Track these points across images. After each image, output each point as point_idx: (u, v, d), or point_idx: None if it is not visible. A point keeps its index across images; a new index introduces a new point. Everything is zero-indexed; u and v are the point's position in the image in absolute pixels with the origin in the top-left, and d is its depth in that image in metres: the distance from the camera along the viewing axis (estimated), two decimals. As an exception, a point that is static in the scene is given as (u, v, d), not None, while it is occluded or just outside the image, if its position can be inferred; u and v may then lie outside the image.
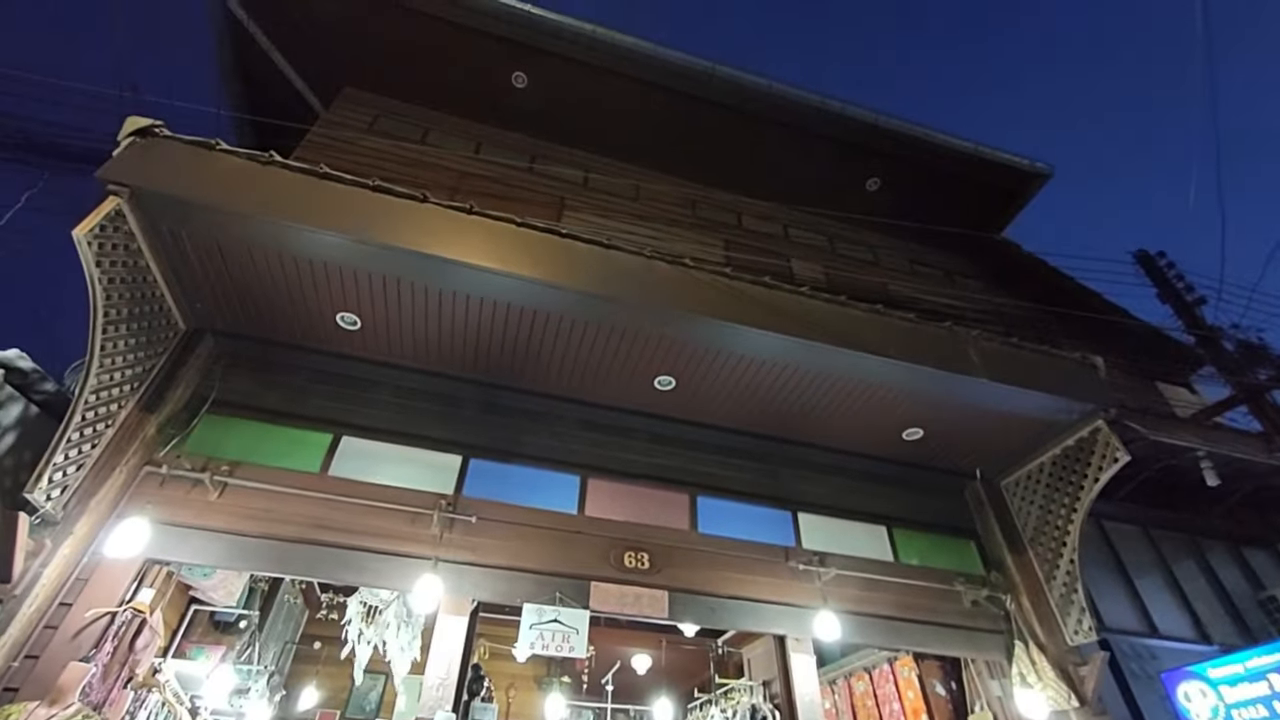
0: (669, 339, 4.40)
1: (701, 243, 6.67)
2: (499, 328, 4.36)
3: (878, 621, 4.63)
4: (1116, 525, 6.09)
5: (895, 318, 4.79)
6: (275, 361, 4.55)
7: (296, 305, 4.25)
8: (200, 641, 4.76)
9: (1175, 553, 6.14)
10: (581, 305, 4.17)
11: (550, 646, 3.83)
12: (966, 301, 6.97)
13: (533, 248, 4.16)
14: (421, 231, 3.94)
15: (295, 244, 3.81)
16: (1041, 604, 4.88)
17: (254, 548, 3.72)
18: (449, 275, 3.96)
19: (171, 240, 3.83)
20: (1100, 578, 5.62)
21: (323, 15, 6.34)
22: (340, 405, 4.51)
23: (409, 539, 4.02)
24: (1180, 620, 5.67)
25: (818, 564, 4.70)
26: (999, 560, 5.23)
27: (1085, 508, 4.80)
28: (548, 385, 4.89)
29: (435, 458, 4.47)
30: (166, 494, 3.76)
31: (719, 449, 5.23)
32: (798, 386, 4.78)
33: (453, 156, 6.57)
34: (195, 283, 4.08)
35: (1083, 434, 4.90)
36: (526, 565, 4.15)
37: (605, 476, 4.79)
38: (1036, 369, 4.88)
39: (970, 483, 5.66)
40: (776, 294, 4.56)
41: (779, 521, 5.00)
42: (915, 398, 4.84)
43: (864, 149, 7.48)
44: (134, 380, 3.83)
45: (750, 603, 4.43)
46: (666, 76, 6.82)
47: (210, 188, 3.66)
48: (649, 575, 4.34)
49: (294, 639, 6.52)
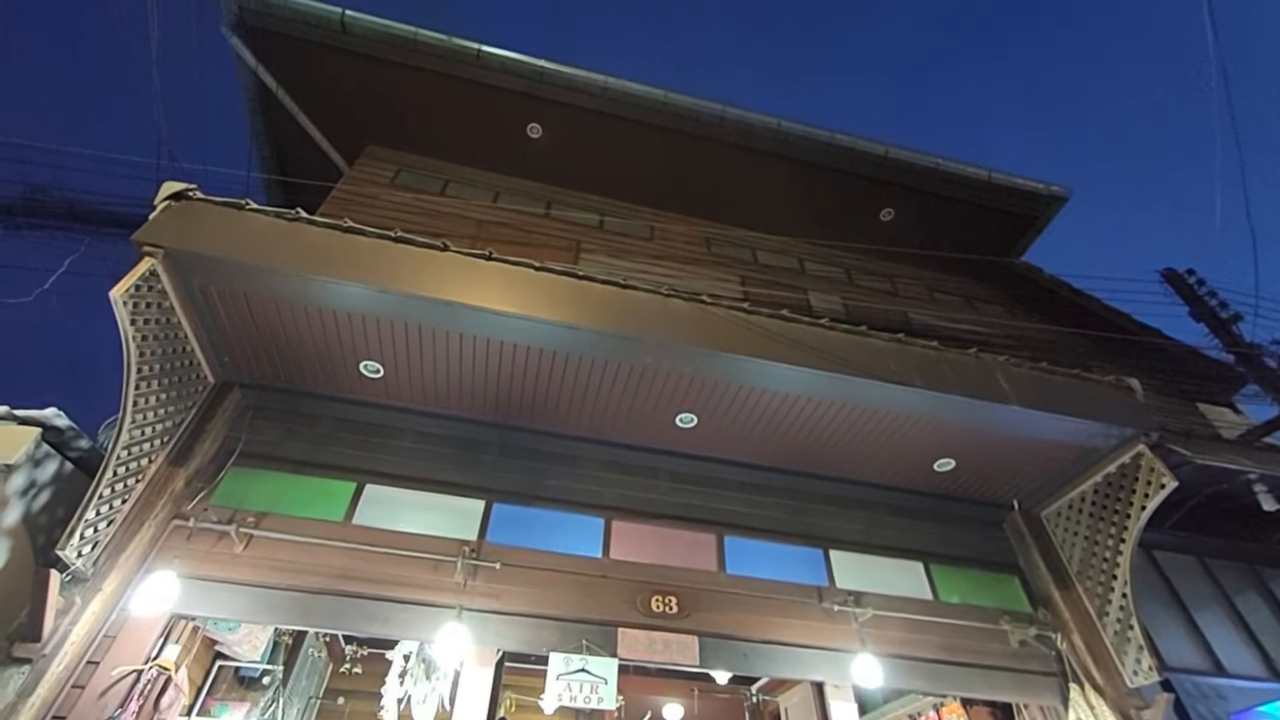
0: (688, 376, 4.37)
1: (718, 279, 6.71)
2: (519, 370, 4.39)
3: (920, 665, 4.40)
4: (1169, 555, 5.76)
5: (918, 346, 4.72)
6: (300, 411, 4.61)
7: (321, 355, 4.33)
8: (225, 698, 4.70)
9: (1235, 583, 5.77)
10: (600, 345, 4.18)
11: (578, 698, 3.70)
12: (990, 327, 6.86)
13: (551, 290, 4.21)
14: (442, 279, 4.02)
15: (320, 296, 3.91)
16: (1096, 642, 4.60)
17: (279, 600, 3.70)
18: (469, 320, 4.02)
19: (202, 297, 3.95)
20: (1157, 612, 5.29)
21: (346, 79, 6.67)
22: (363, 453, 4.54)
23: (432, 587, 3.96)
24: (1247, 656, 5.29)
25: (853, 604, 4.51)
26: (1045, 596, 4.97)
27: (1134, 537, 4.56)
28: (568, 426, 4.87)
29: (458, 503, 4.45)
30: (193, 547, 3.77)
31: (744, 486, 5.12)
32: (822, 420, 4.70)
33: (472, 206, 6.76)
34: (224, 337, 4.19)
35: (1124, 460, 4.71)
36: (552, 612, 4.05)
37: (629, 518, 4.71)
38: (1069, 393, 4.73)
39: (1009, 514, 5.44)
40: (795, 327, 4.53)
41: (810, 560, 4.84)
42: (944, 427, 4.71)
43: (876, 181, 7.53)
44: (164, 435, 3.91)
45: (784, 647, 4.25)
46: (677, 120, 7.00)
47: (239, 245, 3.79)
48: (678, 620, 4.20)
49: (318, 694, 6.41)
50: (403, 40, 6.48)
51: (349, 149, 7.14)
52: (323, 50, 6.45)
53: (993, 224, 7.96)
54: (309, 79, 6.67)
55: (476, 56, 6.58)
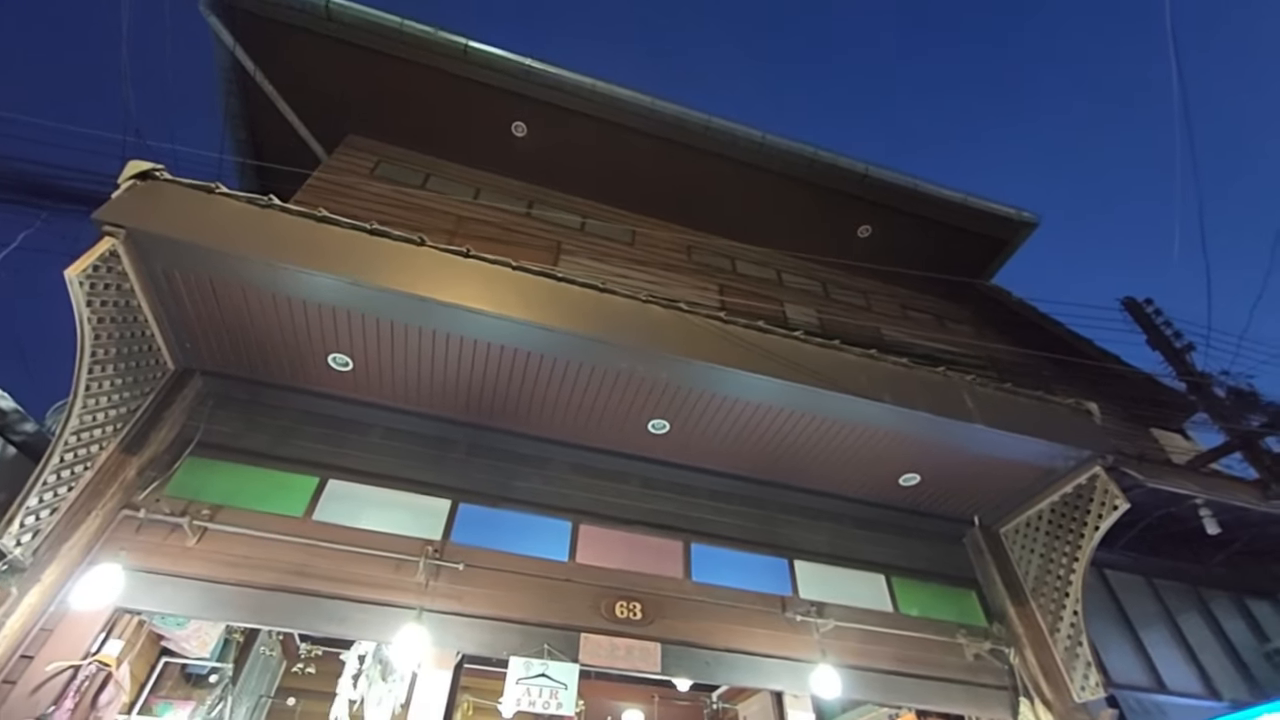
0: (663, 382, 4.37)
1: (697, 287, 6.74)
2: (493, 370, 4.34)
3: (878, 676, 4.46)
4: (1119, 574, 5.96)
5: (889, 362, 4.80)
6: (263, 402, 4.49)
7: (288, 346, 4.22)
8: (169, 696, 4.53)
9: (1179, 604, 6.00)
10: (576, 348, 4.16)
11: (537, 703, 3.66)
12: (959, 347, 7.02)
13: (528, 291, 4.17)
14: (418, 274, 3.95)
15: (290, 286, 3.81)
16: (1046, 658, 4.72)
17: (230, 596, 3.58)
18: (444, 317, 3.96)
19: (165, 281, 3.82)
20: (1105, 630, 5.46)
21: (328, 66, 6.54)
22: (328, 447, 4.43)
23: (393, 587, 3.88)
24: (1188, 675, 5.49)
25: (815, 614, 4.55)
26: (1001, 611, 5.09)
27: (1087, 556, 4.71)
28: (540, 428, 4.83)
29: (424, 502, 4.37)
30: (142, 539, 3.63)
31: (713, 494, 5.14)
32: (792, 431, 4.75)
33: (452, 202, 6.68)
34: (186, 323, 4.06)
35: (1080, 481, 4.86)
36: (514, 615, 4.00)
37: (597, 522, 4.69)
38: (1031, 415, 4.86)
39: (969, 530, 5.57)
40: (771, 338, 4.57)
41: (775, 570, 4.88)
42: (911, 443, 4.80)
43: (855, 198, 7.66)
44: (117, 421, 3.76)
45: (746, 656, 4.27)
46: (663, 127, 7.03)
47: (207, 230, 3.68)
48: (641, 626, 4.19)
49: (269, 693, 6.21)
50: (388, 31, 6.38)
51: (328, 137, 7.00)
52: (305, 35, 6.31)
53: (965, 246, 8.16)
54: (290, 63, 6.52)
55: (463, 51, 6.51)
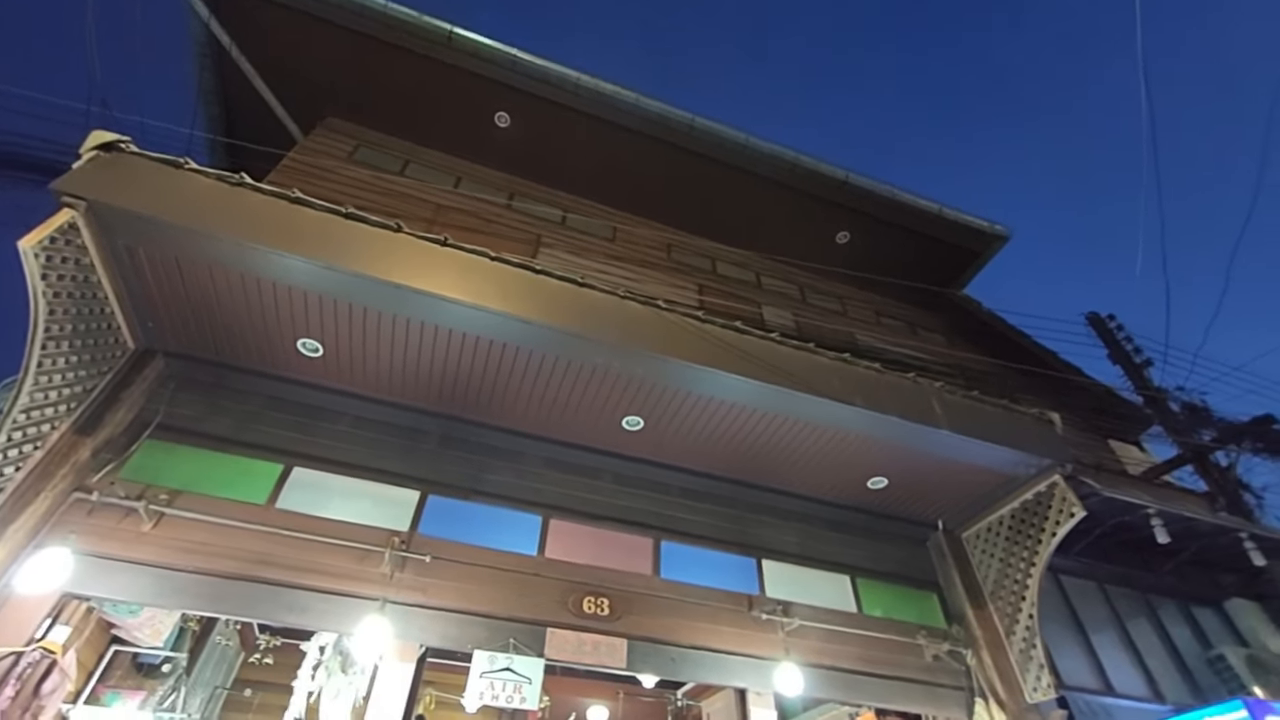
0: (639, 379, 4.38)
1: (676, 286, 6.76)
2: (467, 361, 4.29)
3: (840, 675, 4.54)
4: (1073, 580, 6.15)
5: (862, 367, 4.88)
6: (228, 386, 4.37)
7: (256, 329, 4.11)
8: (118, 686, 4.39)
9: (1129, 610, 6.21)
10: (552, 341, 4.14)
11: (501, 697, 3.64)
12: (929, 354, 7.16)
13: (506, 282, 4.14)
14: (393, 261, 3.89)
15: (260, 267, 3.72)
16: (1002, 659, 4.85)
17: (186, 584, 3.48)
18: (419, 306, 3.90)
19: (127, 257, 3.69)
20: (1058, 633, 5.63)
21: (308, 45, 6.39)
22: (295, 434, 4.34)
23: (357, 578, 3.82)
24: (1135, 679, 5.69)
25: (781, 613, 4.61)
26: (960, 613, 5.22)
27: (1044, 561, 4.85)
28: (513, 421, 4.79)
29: (392, 492, 4.31)
30: (94, 523, 3.51)
31: (685, 492, 5.16)
32: (765, 432, 4.79)
33: (431, 189, 6.58)
34: (149, 301, 3.93)
35: (1040, 488, 5.00)
36: (480, 609, 3.97)
37: (568, 517, 4.67)
38: (996, 423, 4.99)
39: (933, 534, 5.69)
40: (747, 339, 4.61)
41: (743, 568, 4.92)
42: (880, 446, 4.89)
43: (835, 204, 7.76)
44: (71, 400, 3.63)
45: (712, 653, 4.30)
46: (647, 125, 7.02)
47: (174, 206, 3.56)
48: (608, 622, 4.19)
49: (225, 684, 6.06)
50: (372, 12, 6.25)
51: (306, 117, 6.84)
52: (284, 11, 6.15)
53: (939, 256, 8.33)
54: (268, 40, 6.35)
55: (448, 38, 6.42)
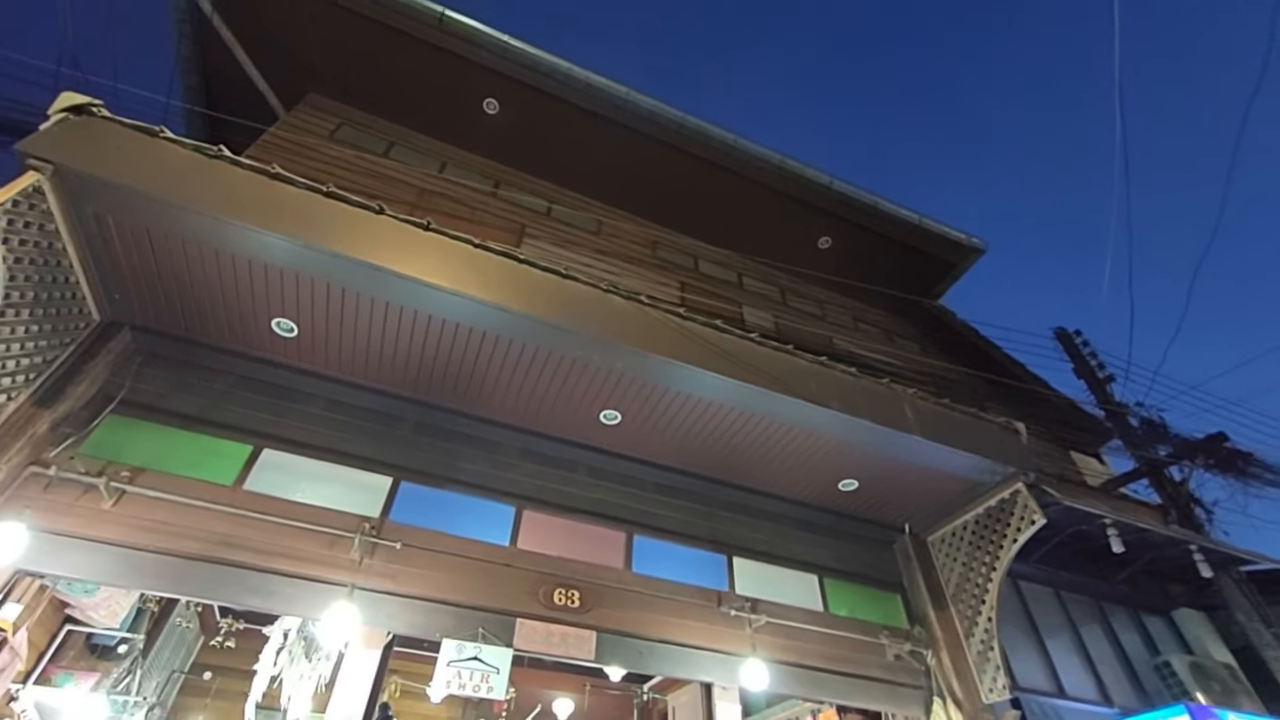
0: (618, 373, 4.38)
1: (658, 282, 6.77)
2: (445, 347, 4.25)
3: (805, 672, 4.62)
4: (1031, 586, 6.34)
5: (839, 370, 4.95)
6: (198, 363, 4.27)
7: (229, 306, 4.02)
8: (70, 667, 4.26)
9: (1082, 616, 6.43)
10: (533, 331, 4.12)
11: (468, 686, 3.62)
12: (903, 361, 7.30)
13: (488, 270, 4.11)
14: (374, 243, 3.83)
15: (235, 243, 3.63)
16: (960, 660, 4.99)
17: (148, 563, 3.40)
18: (399, 290, 3.85)
19: (95, 225, 3.58)
20: (1014, 636, 5.80)
21: (294, 19, 6.24)
22: (265, 415, 4.25)
23: (325, 563, 3.76)
24: (1085, 682, 5.89)
25: (749, 610, 4.67)
26: (922, 615, 5.34)
27: (1004, 567, 4.99)
28: (490, 410, 4.77)
29: (363, 478, 4.25)
30: (51, 499, 3.41)
31: (659, 488, 5.19)
32: (741, 431, 4.84)
33: (415, 173, 6.49)
34: (117, 272, 3.81)
35: (1004, 495, 5.14)
36: (450, 598, 3.94)
37: (541, 509, 4.67)
38: (965, 430, 5.11)
39: (899, 536, 5.81)
40: (728, 338, 4.65)
41: (713, 565, 4.97)
42: (852, 449, 4.97)
43: (818, 209, 7.85)
44: (30, 371, 3.51)
45: (680, 648, 4.34)
46: (637, 120, 7.01)
47: (147, 175, 3.46)
48: (578, 614, 4.20)
49: (183, 668, 5.93)
50: (362, -12, 6.13)
51: (288, 92, 6.68)
52: (270, -18, 6.00)
53: (917, 265, 8.49)
54: (252, 11, 6.19)
55: (439, 20, 6.32)
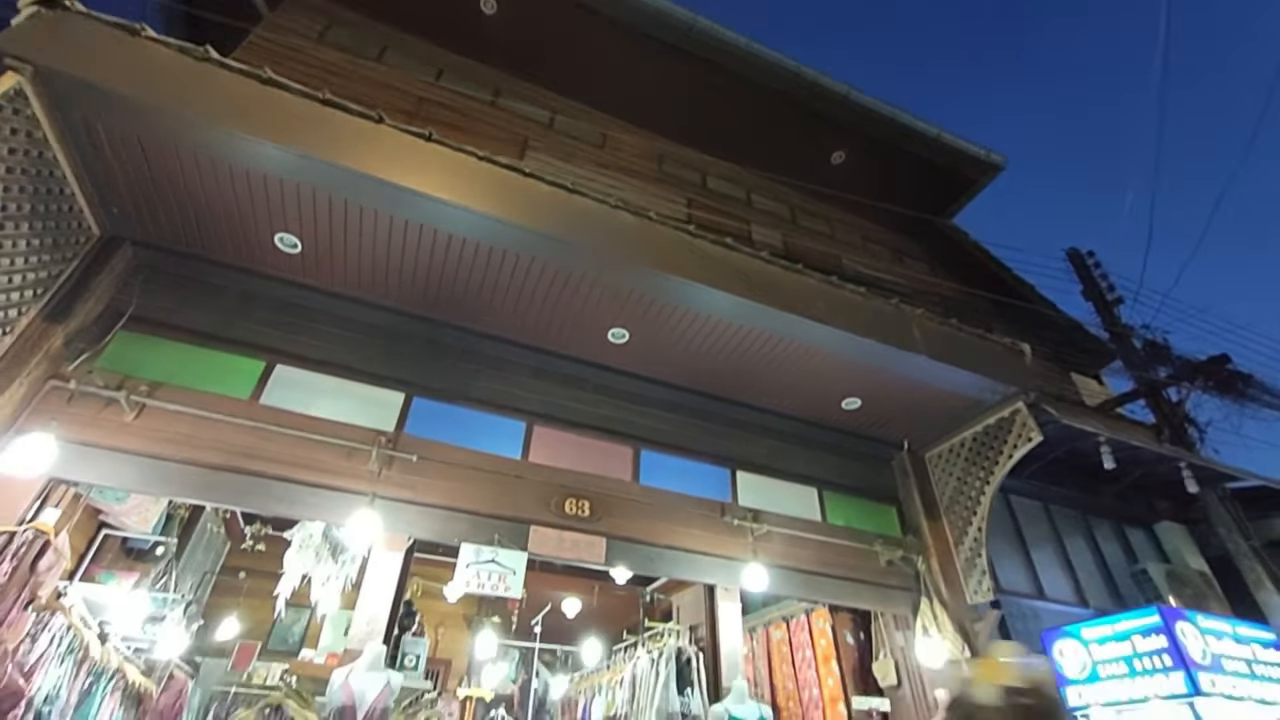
0: (626, 290, 4.35)
1: (665, 198, 6.59)
2: (452, 264, 4.20)
3: (802, 575, 4.90)
4: (1020, 500, 6.61)
5: (847, 290, 4.92)
6: (204, 280, 4.23)
7: (231, 220, 3.94)
8: (111, 567, 4.53)
9: (1067, 527, 6.74)
10: (540, 247, 4.06)
11: (486, 586, 3.86)
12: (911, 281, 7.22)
13: (493, 183, 3.98)
14: (374, 154, 3.69)
15: (231, 152, 3.50)
16: (949, 566, 5.28)
17: (174, 473, 3.53)
18: (402, 202, 3.75)
19: (85, 133, 3.43)
20: (1001, 546, 6.11)
21: (269, -100, 5.70)
22: (275, 332, 4.27)
23: (345, 474, 3.91)
24: (1064, 586, 6.27)
25: (751, 520, 4.89)
26: (916, 525, 5.60)
27: (997, 482, 5.17)
28: (499, 329, 4.78)
29: (376, 393, 4.33)
30: (75, 412, 3.49)
31: (665, 405, 5.29)
32: (748, 349, 4.86)
33: (412, 80, 6.15)
34: (112, 184, 3.70)
35: (1004, 414, 5.25)
36: (466, 506, 4.12)
37: (551, 425, 4.78)
38: (971, 350, 5.14)
39: (898, 453, 5.98)
40: (737, 256, 4.58)
41: (718, 478, 5.16)
42: (857, 368, 5.02)
43: (832, 121, 7.50)
44: (36, 286, 3.49)
45: (685, 553, 4.58)
46: (644, 21, 6.56)
47: (132, 78, 3.28)
48: (589, 523, 4.40)
49: (214, 570, 6.31)
50: None
51: (269, -12, 6.21)
52: None
53: (932, 183, 8.21)
54: (222, -110, 5.64)
55: (428, -98, 5.78)
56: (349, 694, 3.18)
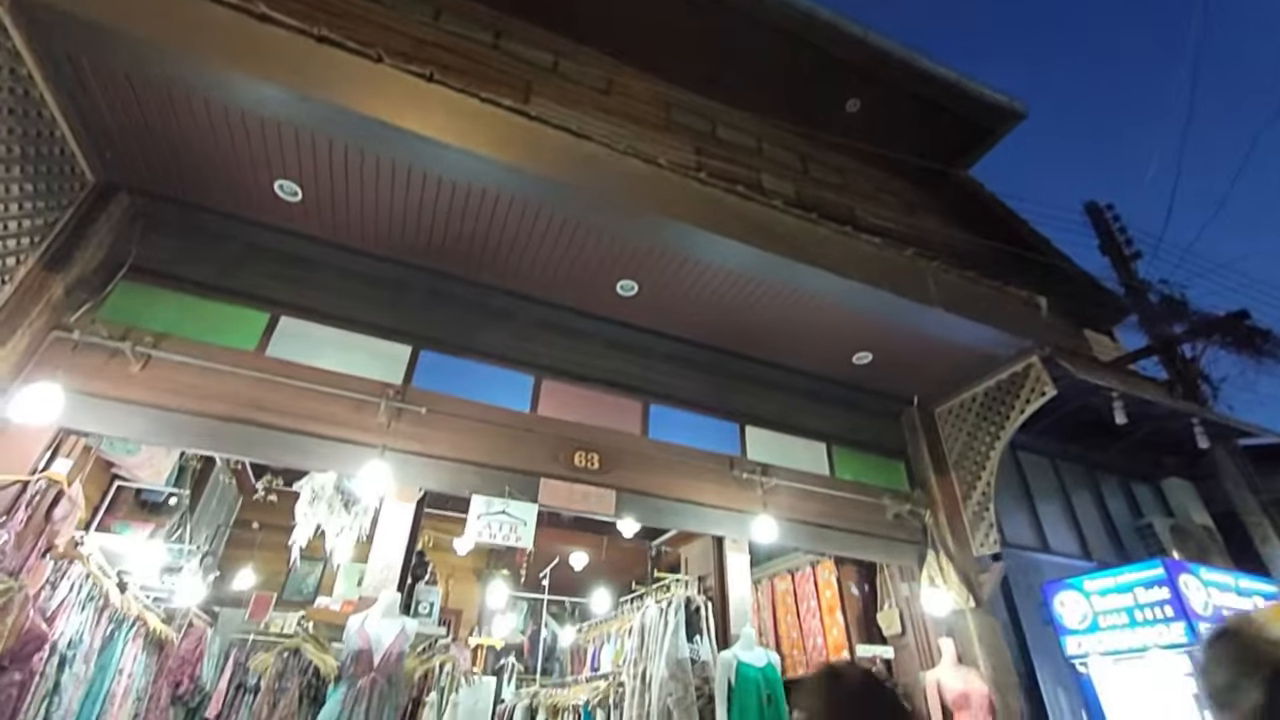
0: (635, 240, 4.24)
1: (672, 147, 6.34)
2: (456, 212, 4.08)
3: (809, 528, 4.93)
4: (1028, 455, 6.60)
5: (862, 240, 4.79)
6: (205, 229, 4.13)
7: (229, 166, 3.80)
8: (126, 519, 4.58)
9: (1074, 483, 6.76)
10: (546, 194, 3.93)
11: (498, 536, 3.88)
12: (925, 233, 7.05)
13: (497, 127, 3.83)
14: (374, 95, 3.53)
15: (225, 93, 3.35)
16: (956, 519, 5.30)
17: (183, 423, 3.51)
18: (403, 146, 3.61)
19: (70, 70, 3.28)
20: (1006, 500, 6.13)
21: None
22: (279, 284, 4.19)
23: (354, 426, 3.89)
24: (1069, 540, 6.33)
25: (760, 474, 4.89)
26: (924, 480, 5.60)
27: (1008, 436, 5.15)
28: (506, 281, 4.68)
29: (383, 346, 4.28)
30: (80, 362, 3.45)
31: (675, 359, 5.23)
32: (759, 301, 4.77)
33: (410, 21, 5.86)
34: (103, 127, 3.56)
35: (1017, 369, 5.18)
36: (476, 459, 4.12)
37: (560, 378, 4.74)
38: (986, 303, 5.04)
39: (907, 409, 5.95)
40: (749, 204, 4.44)
41: (727, 432, 5.14)
42: (870, 321, 4.93)
43: (848, 66, 7.17)
44: (33, 234, 3.40)
45: (695, 506, 4.60)
46: (651, -45, 6.22)
47: (114, 8, 3.10)
48: (598, 475, 4.40)
49: (228, 523, 6.40)
50: None
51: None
52: None
53: (949, 132, 7.92)
54: None
55: None
56: (365, 638, 3.23)
